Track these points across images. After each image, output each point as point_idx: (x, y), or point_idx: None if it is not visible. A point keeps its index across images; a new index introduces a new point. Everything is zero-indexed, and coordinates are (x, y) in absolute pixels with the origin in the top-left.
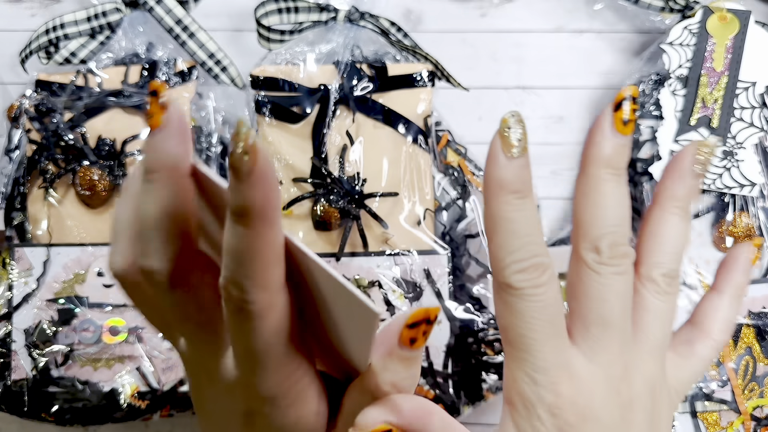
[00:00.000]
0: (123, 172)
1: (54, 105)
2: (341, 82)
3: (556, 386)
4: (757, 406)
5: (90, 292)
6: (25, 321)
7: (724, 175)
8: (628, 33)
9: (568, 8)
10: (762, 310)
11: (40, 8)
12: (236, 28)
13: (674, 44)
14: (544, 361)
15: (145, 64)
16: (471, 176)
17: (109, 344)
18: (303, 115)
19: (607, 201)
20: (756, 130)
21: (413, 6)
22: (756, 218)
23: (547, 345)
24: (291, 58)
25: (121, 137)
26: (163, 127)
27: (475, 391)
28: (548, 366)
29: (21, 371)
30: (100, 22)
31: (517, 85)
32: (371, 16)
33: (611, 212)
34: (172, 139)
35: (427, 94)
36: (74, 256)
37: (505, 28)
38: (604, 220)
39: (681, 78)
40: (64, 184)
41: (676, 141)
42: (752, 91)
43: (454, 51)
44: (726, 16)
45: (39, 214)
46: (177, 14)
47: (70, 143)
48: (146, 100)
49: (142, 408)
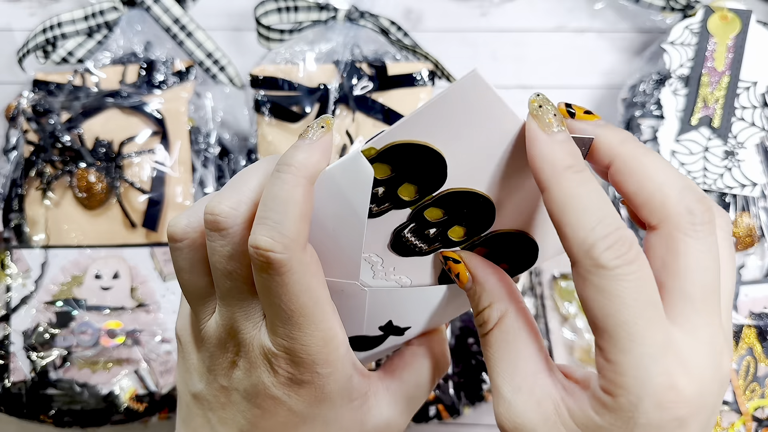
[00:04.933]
0: (120, 174)
1: (51, 105)
2: (341, 82)
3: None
4: (759, 407)
5: (88, 294)
6: (24, 323)
7: (725, 175)
8: (629, 32)
9: (569, 7)
10: (763, 310)
11: (38, 7)
12: (236, 28)
13: (675, 44)
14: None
15: (142, 64)
16: None
17: (107, 347)
18: (302, 115)
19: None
20: (757, 130)
21: (413, 5)
22: (757, 218)
23: (653, 330)
24: (291, 58)
25: (118, 138)
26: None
27: (475, 392)
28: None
29: (19, 373)
30: (97, 20)
31: (517, 84)
32: (371, 15)
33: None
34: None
35: (428, 93)
36: (72, 258)
37: (505, 27)
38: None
39: (682, 77)
40: (62, 185)
41: (678, 141)
42: (753, 90)
43: (455, 50)
44: (727, 16)
45: (36, 215)
46: (175, 13)
47: (67, 145)
48: None
49: (140, 410)
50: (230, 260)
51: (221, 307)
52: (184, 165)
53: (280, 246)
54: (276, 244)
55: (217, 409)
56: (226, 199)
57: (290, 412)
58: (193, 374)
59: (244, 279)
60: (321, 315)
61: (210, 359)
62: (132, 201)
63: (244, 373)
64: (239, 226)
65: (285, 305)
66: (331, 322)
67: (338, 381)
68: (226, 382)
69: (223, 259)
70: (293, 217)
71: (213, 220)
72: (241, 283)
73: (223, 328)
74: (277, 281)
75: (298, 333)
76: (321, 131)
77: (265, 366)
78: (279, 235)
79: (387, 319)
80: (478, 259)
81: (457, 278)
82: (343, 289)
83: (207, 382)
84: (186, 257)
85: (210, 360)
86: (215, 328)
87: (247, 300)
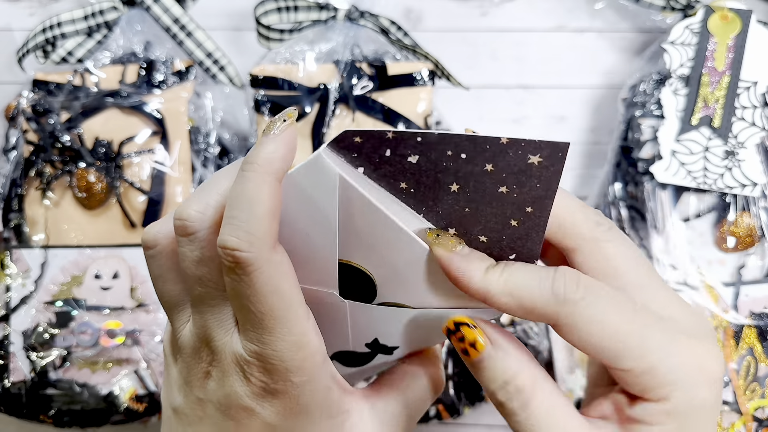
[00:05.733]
0: (120, 174)
1: (51, 105)
2: (341, 81)
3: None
4: (759, 407)
5: (87, 294)
6: (23, 323)
7: (725, 175)
8: (630, 32)
9: (569, 7)
10: (763, 310)
11: (38, 7)
12: (236, 28)
13: (675, 43)
14: (662, 339)
15: (142, 63)
16: None
17: (107, 347)
18: (302, 115)
19: None
20: (757, 130)
21: (413, 5)
22: (757, 218)
23: (652, 327)
24: (290, 57)
25: (118, 138)
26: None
27: (475, 392)
28: (667, 341)
29: (19, 373)
30: (97, 20)
31: (517, 84)
32: (371, 15)
33: None
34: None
35: (427, 93)
36: (72, 258)
37: (505, 27)
38: None
39: (682, 77)
40: (61, 185)
41: (678, 140)
42: (753, 90)
43: (455, 50)
44: (727, 15)
45: (36, 215)
46: (174, 13)
47: (66, 145)
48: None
49: (140, 411)
50: (200, 265)
51: (194, 315)
52: (183, 165)
53: (246, 244)
54: (242, 243)
55: (195, 423)
56: (194, 203)
57: (264, 424)
58: (173, 387)
59: (215, 284)
60: (293, 318)
61: (186, 370)
62: (132, 201)
63: (218, 383)
64: (207, 230)
65: (254, 307)
66: (304, 327)
67: (314, 392)
68: (201, 394)
69: (193, 264)
70: (259, 215)
71: (181, 225)
72: (212, 289)
73: (196, 337)
74: (245, 281)
75: (269, 337)
76: (284, 125)
77: (238, 374)
78: (245, 234)
79: (373, 336)
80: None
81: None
82: (323, 299)
83: (184, 394)
84: (159, 264)
85: (186, 371)
86: (189, 336)
87: (219, 306)
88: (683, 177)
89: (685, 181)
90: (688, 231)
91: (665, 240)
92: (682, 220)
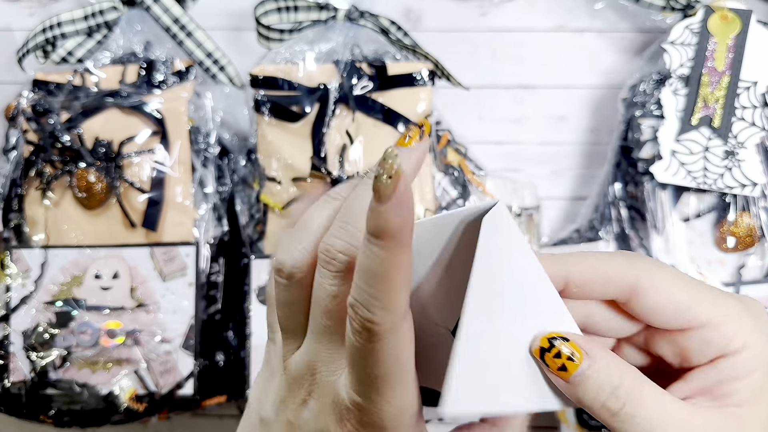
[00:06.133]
0: (120, 174)
1: (51, 105)
2: (341, 81)
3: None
4: None
5: (87, 294)
6: (23, 323)
7: (725, 175)
8: (629, 32)
9: (569, 7)
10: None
11: (38, 7)
12: (235, 28)
13: (675, 43)
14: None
15: (142, 63)
16: (471, 176)
17: (107, 347)
18: (302, 114)
19: None
20: (757, 130)
21: (413, 5)
22: (757, 218)
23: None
24: (290, 57)
25: (117, 138)
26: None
27: None
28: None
29: (19, 373)
30: (97, 20)
31: (517, 84)
32: (371, 15)
33: None
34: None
35: (427, 93)
36: (72, 258)
37: (505, 27)
38: None
39: (682, 77)
40: (61, 185)
41: (678, 140)
42: (753, 90)
43: (455, 50)
44: (727, 16)
45: (36, 215)
46: (174, 13)
47: (66, 145)
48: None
49: (140, 411)
50: (335, 300)
51: (310, 342)
52: (183, 165)
53: (379, 318)
54: (376, 317)
55: None
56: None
57: None
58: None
59: (342, 322)
60: (404, 386)
61: (286, 390)
62: (132, 201)
63: (313, 415)
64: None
65: (370, 369)
66: (410, 391)
67: None
68: (293, 418)
69: (329, 298)
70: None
71: (329, 259)
72: (337, 326)
73: (304, 364)
74: (368, 347)
75: (377, 397)
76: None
77: (335, 416)
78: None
79: None
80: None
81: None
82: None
83: (276, 412)
84: (292, 293)
85: (286, 391)
86: (298, 361)
87: (335, 343)
88: (683, 177)
89: (685, 181)
90: (688, 231)
91: (665, 240)
92: (682, 220)
